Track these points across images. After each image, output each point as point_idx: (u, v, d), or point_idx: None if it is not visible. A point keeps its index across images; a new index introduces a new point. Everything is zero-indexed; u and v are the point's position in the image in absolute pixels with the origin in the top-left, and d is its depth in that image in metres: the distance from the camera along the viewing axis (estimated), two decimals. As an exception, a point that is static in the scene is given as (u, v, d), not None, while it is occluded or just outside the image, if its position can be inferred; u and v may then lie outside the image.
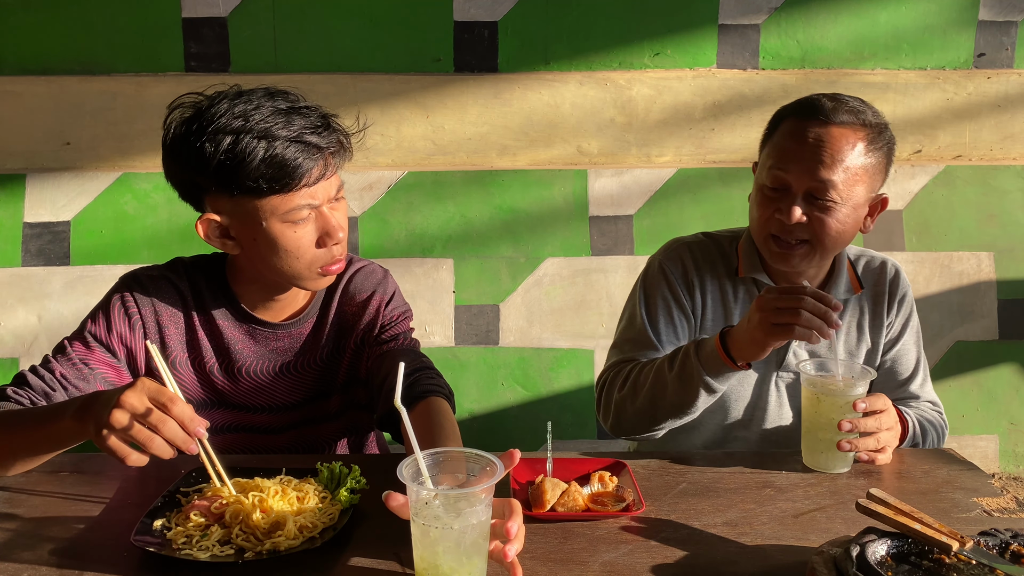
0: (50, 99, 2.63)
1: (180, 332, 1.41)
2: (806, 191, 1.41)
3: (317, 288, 1.41)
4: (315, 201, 1.28)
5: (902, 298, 1.59)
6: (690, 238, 1.63)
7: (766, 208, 1.45)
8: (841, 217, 1.42)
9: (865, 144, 1.41)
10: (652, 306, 1.56)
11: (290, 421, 1.47)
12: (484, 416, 2.80)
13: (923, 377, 1.60)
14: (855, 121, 1.41)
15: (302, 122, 1.25)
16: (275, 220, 1.27)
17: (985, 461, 2.88)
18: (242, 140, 1.22)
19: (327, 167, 1.28)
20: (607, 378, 1.53)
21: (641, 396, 1.45)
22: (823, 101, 1.43)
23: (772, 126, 1.50)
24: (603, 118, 2.72)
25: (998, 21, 2.70)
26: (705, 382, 1.37)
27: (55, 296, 2.70)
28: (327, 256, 1.32)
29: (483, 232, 2.77)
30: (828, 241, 1.43)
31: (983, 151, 2.79)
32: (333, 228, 1.30)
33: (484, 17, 2.66)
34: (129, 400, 1.02)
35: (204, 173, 1.25)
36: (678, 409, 1.43)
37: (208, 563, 1.01)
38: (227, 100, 1.25)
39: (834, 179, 1.39)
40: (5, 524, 1.13)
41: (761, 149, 1.52)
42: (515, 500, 1.03)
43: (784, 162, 1.42)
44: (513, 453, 1.04)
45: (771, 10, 2.68)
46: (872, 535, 0.99)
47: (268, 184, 1.24)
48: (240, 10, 2.62)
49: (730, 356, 1.35)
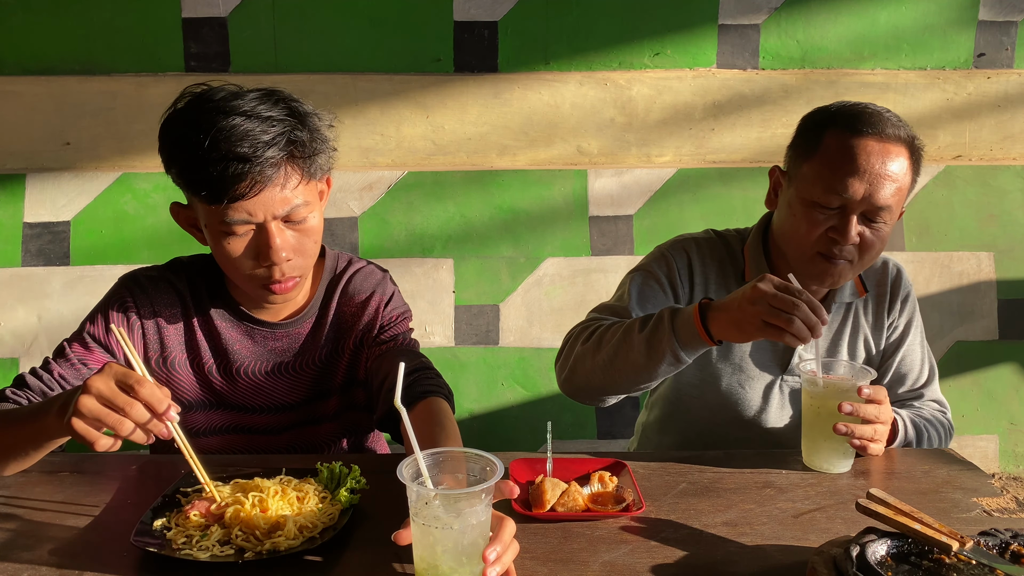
0: (50, 99, 2.63)
1: (179, 333, 1.41)
2: (863, 211, 1.37)
3: (265, 302, 1.38)
4: (252, 218, 1.23)
5: (905, 298, 1.57)
6: (700, 234, 1.60)
7: (816, 226, 1.39)
8: (885, 235, 1.40)
9: (910, 162, 1.39)
10: (643, 285, 1.51)
11: (288, 422, 1.47)
12: (484, 416, 2.80)
13: (929, 376, 1.59)
14: (904, 136, 1.38)
15: (246, 131, 1.19)
16: (210, 227, 1.27)
17: (985, 461, 2.88)
18: (184, 141, 1.21)
19: (266, 183, 1.21)
20: (575, 331, 1.47)
21: (604, 351, 1.37)
22: (872, 113, 1.39)
23: (812, 134, 1.42)
24: (603, 118, 2.72)
25: (998, 21, 2.70)
26: (673, 350, 1.29)
27: (55, 296, 2.70)
28: (266, 274, 1.28)
29: (483, 232, 2.77)
30: (869, 260, 1.42)
31: (983, 151, 2.79)
32: (265, 249, 1.25)
33: (484, 17, 2.66)
34: (95, 385, 1.01)
35: (163, 160, 1.27)
36: (637, 372, 1.34)
37: (208, 563, 1.01)
38: (212, 97, 1.24)
39: (892, 201, 1.37)
40: (5, 524, 1.13)
41: (795, 156, 1.45)
42: (509, 520, 0.98)
43: (841, 179, 1.36)
44: (513, 489, 1.03)
45: (771, 10, 2.68)
46: (872, 535, 0.99)
47: (195, 192, 1.23)
48: (240, 10, 2.62)
49: (708, 331, 1.27)
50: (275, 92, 1.27)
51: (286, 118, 1.24)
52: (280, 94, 1.27)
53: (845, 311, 1.56)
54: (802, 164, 1.43)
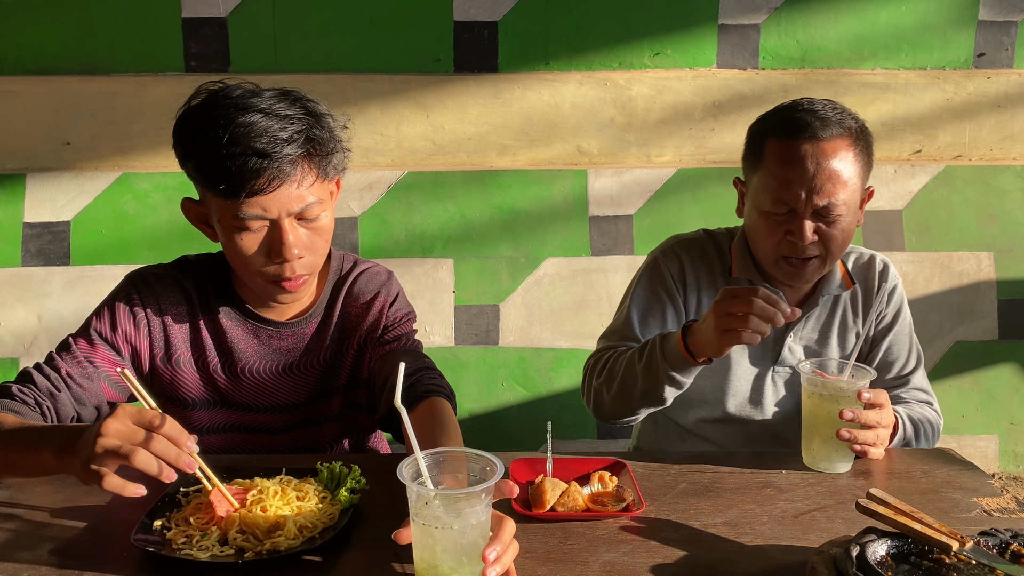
0: (50, 99, 2.63)
1: (184, 331, 1.41)
2: (813, 211, 1.41)
3: (273, 300, 1.38)
4: (266, 214, 1.24)
5: (892, 289, 1.60)
6: (690, 235, 1.64)
7: (774, 232, 1.45)
8: (845, 225, 1.44)
9: (854, 152, 1.42)
10: (642, 301, 1.58)
11: (292, 421, 1.47)
12: (484, 416, 2.80)
13: (916, 364, 1.61)
14: (840, 131, 1.41)
15: (265, 128, 1.20)
16: (223, 222, 1.27)
17: (985, 461, 2.88)
18: (202, 136, 1.22)
19: (284, 179, 1.22)
20: (589, 364, 1.56)
21: (615, 385, 1.46)
22: (803, 116, 1.42)
23: (755, 145, 1.48)
24: (603, 118, 2.72)
25: (998, 21, 2.70)
26: (669, 376, 1.38)
27: (55, 296, 2.70)
28: (277, 271, 1.30)
29: (483, 232, 2.77)
30: (837, 250, 1.46)
31: (983, 151, 2.79)
32: (278, 246, 1.26)
33: (484, 17, 2.66)
34: (113, 426, 0.99)
35: (178, 156, 1.28)
36: (648, 398, 1.43)
37: (208, 563, 1.01)
38: (230, 94, 1.25)
39: (838, 196, 1.40)
40: (5, 524, 1.13)
41: (746, 167, 1.51)
42: (509, 520, 0.99)
43: (784, 188, 1.41)
44: (513, 489, 1.03)
45: (771, 10, 2.68)
46: (872, 535, 0.99)
47: (211, 187, 1.24)
48: (240, 10, 2.62)
49: (690, 352, 1.35)
50: (291, 92, 1.29)
51: (303, 116, 1.25)
52: (296, 93, 1.29)
53: (833, 303, 1.59)
54: (752, 175, 1.49)
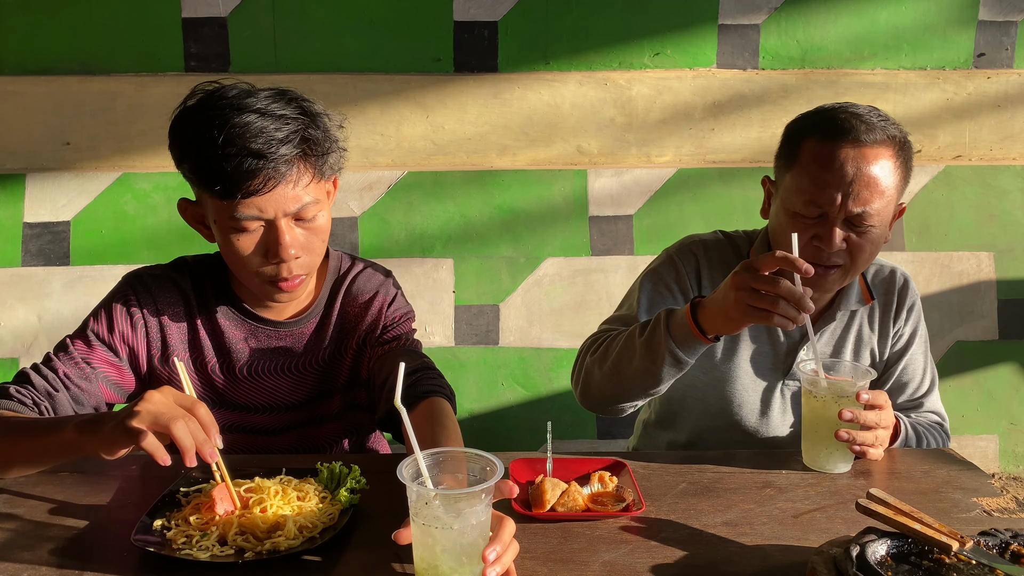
0: (50, 99, 2.63)
1: (182, 332, 1.41)
2: (845, 217, 1.36)
3: (271, 300, 1.38)
4: (263, 214, 1.24)
5: (911, 307, 1.56)
6: (708, 236, 1.60)
7: (801, 235, 1.37)
8: (875, 237, 1.39)
9: (895, 161, 1.36)
10: (652, 291, 1.52)
11: (291, 422, 1.47)
12: (484, 416, 2.80)
13: (930, 387, 1.58)
14: (884, 138, 1.36)
15: (260, 128, 1.20)
16: (220, 223, 1.27)
17: (985, 461, 2.88)
18: (197, 137, 1.22)
19: (280, 179, 1.22)
20: (585, 344, 1.49)
21: (610, 360, 1.39)
22: (847, 118, 1.37)
23: (792, 144, 1.42)
24: (603, 118, 2.72)
25: (998, 21, 2.70)
26: (672, 352, 1.30)
27: (55, 296, 2.70)
28: (274, 271, 1.29)
29: (483, 232, 2.77)
30: (863, 262, 1.41)
31: (983, 151, 2.79)
32: (275, 246, 1.26)
33: (484, 17, 2.66)
34: (158, 396, 1.03)
35: (174, 156, 1.28)
36: (641, 377, 1.35)
37: (208, 563, 1.01)
38: (225, 94, 1.25)
39: (874, 204, 1.35)
40: (5, 524, 1.13)
41: (778, 166, 1.46)
42: (509, 520, 0.99)
43: (819, 190, 1.35)
44: (513, 489, 1.03)
45: (771, 10, 2.68)
46: (872, 535, 0.99)
47: (207, 188, 1.24)
48: (240, 10, 2.62)
49: (700, 328, 1.28)
50: (287, 91, 1.29)
51: (299, 116, 1.25)
52: (292, 93, 1.29)
53: (850, 318, 1.55)
54: (785, 174, 1.43)
